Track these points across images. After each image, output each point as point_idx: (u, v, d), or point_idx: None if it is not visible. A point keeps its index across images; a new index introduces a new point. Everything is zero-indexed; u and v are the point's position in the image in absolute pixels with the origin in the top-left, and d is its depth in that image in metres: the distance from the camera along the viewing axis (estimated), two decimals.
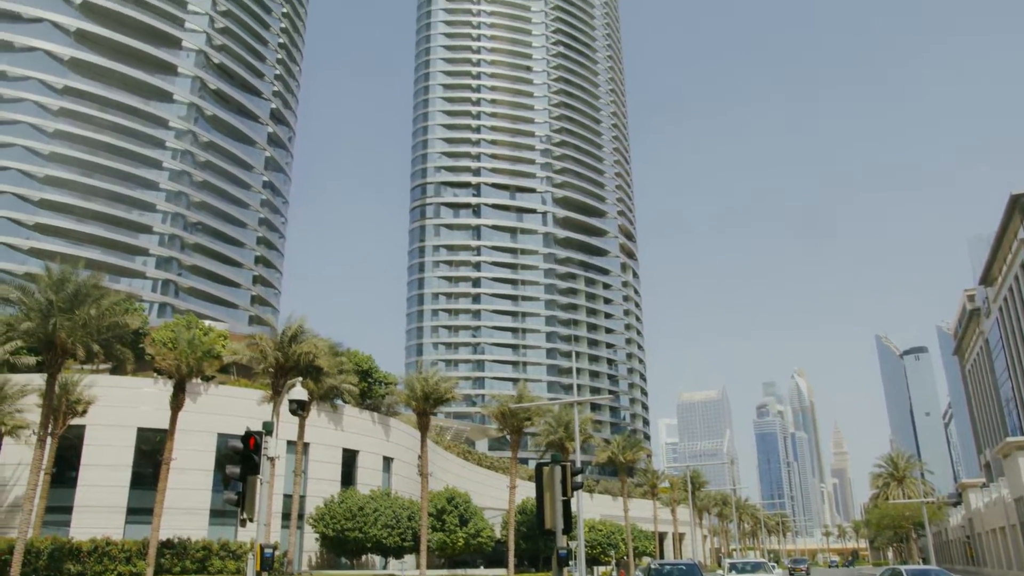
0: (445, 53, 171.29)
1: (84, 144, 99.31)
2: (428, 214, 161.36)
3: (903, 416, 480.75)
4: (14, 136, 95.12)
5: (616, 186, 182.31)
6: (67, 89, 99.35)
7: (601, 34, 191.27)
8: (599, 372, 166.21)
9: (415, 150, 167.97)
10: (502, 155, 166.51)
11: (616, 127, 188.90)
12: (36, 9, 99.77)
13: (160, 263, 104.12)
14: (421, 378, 47.29)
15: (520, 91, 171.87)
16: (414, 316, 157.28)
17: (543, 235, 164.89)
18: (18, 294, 31.87)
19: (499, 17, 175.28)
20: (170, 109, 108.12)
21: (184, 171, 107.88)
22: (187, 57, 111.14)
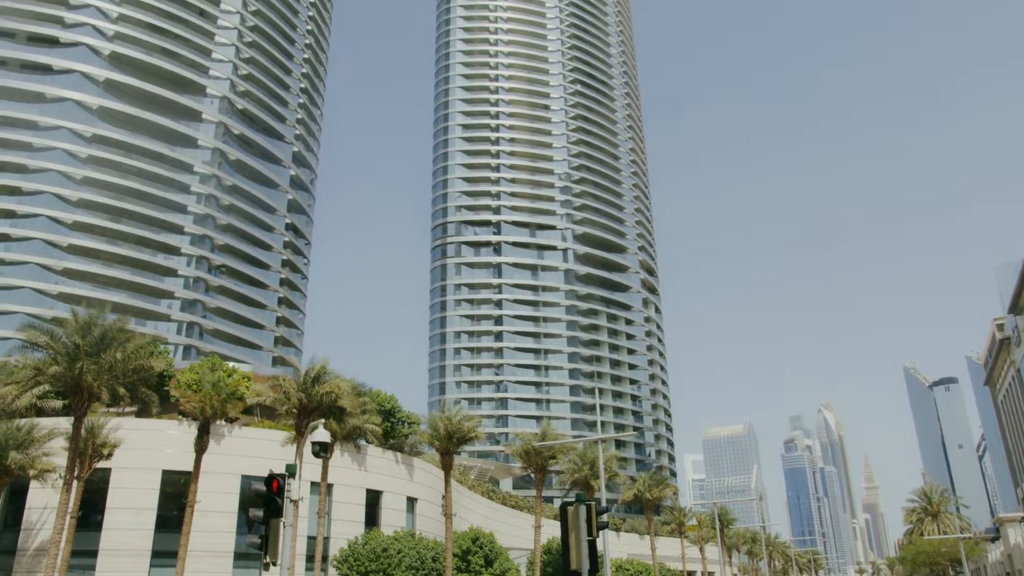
0: (464, 94, 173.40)
1: (111, 190, 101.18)
2: (449, 253, 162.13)
3: (935, 448, 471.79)
4: (44, 184, 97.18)
5: (636, 221, 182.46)
6: (95, 137, 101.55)
7: (618, 72, 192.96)
8: (623, 408, 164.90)
9: (435, 189, 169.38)
10: (522, 193, 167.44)
11: (635, 163, 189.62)
12: (67, 61, 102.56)
13: (185, 306, 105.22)
14: (444, 417, 47.19)
15: (539, 129, 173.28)
16: (436, 355, 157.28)
17: (564, 272, 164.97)
18: (46, 339, 32.32)
19: (517, 57, 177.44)
20: (195, 154, 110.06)
21: (208, 215, 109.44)
22: (211, 103, 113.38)
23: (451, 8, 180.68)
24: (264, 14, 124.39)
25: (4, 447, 34.64)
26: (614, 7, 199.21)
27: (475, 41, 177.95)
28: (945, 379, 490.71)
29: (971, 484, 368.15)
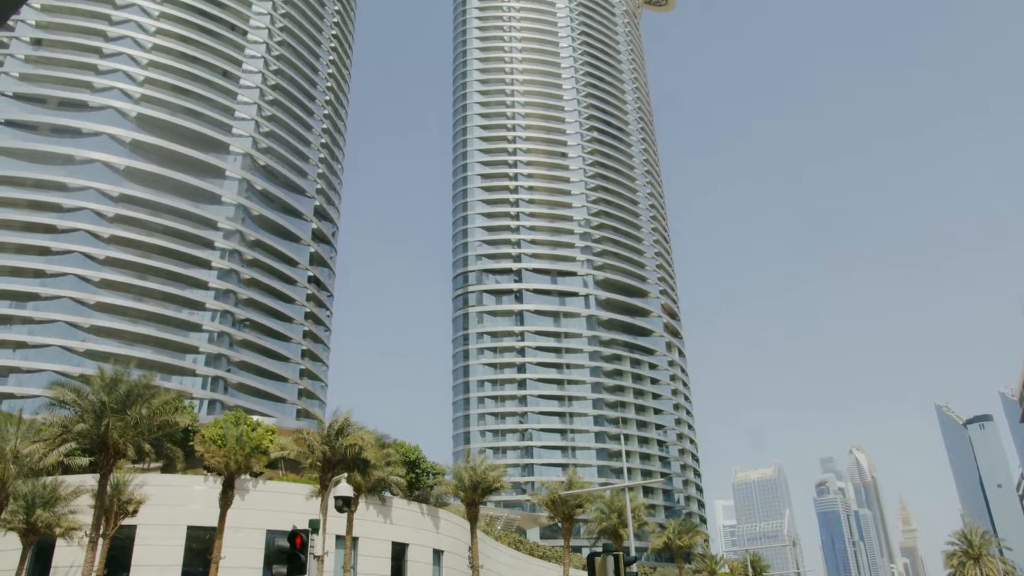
0: (482, 144, 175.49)
1: (138, 248, 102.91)
2: (471, 302, 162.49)
3: (972, 488, 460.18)
4: (73, 243, 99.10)
5: (657, 265, 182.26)
6: (122, 196, 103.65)
7: (634, 117, 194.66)
8: (650, 454, 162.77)
9: (456, 239, 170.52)
10: (542, 240, 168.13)
11: (654, 207, 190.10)
12: (96, 124, 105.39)
13: (209, 360, 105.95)
14: (469, 467, 46.85)
15: (557, 176, 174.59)
16: (460, 404, 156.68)
17: (586, 318, 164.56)
18: (73, 396, 32.62)
19: (533, 107, 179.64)
20: (218, 211, 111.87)
21: (232, 269, 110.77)
22: (234, 160, 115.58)
23: (467, 61, 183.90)
24: (285, 73, 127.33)
25: (31, 505, 34.76)
26: (628, 55, 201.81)
27: (492, 92, 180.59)
28: (979, 416, 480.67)
29: (1013, 524, 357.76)
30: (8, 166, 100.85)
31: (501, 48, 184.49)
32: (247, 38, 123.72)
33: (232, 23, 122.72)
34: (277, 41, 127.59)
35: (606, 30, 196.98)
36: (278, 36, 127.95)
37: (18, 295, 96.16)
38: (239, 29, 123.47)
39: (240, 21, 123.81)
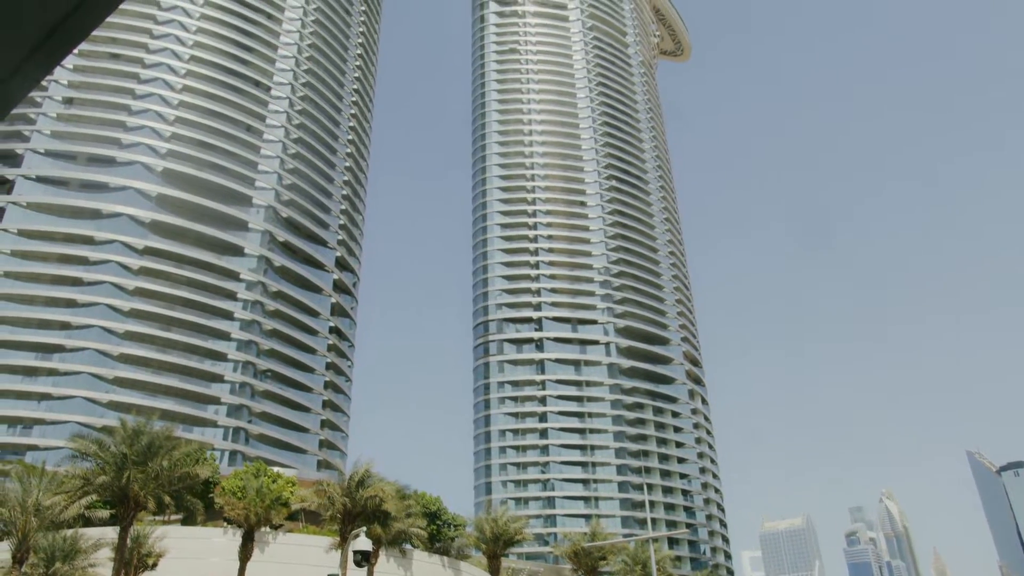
0: (501, 193, 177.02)
1: (161, 299, 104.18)
2: (492, 351, 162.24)
3: (1009, 537, 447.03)
4: (98, 295, 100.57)
5: (678, 313, 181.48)
6: (147, 249, 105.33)
7: (652, 165, 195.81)
8: (674, 504, 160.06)
9: (476, 288, 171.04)
10: (562, 288, 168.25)
11: (673, 254, 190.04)
12: (123, 179, 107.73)
13: (231, 411, 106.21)
14: (490, 519, 46.35)
15: (576, 224, 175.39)
16: (482, 454, 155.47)
17: (607, 366, 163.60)
18: (95, 448, 32.80)
19: (552, 157, 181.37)
20: (241, 262, 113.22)
21: (254, 320, 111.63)
22: (257, 213, 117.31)
23: (487, 112, 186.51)
24: (307, 127, 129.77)
25: (51, 558, 34.72)
26: (644, 104, 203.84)
27: (511, 143, 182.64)
28: (1013, 463, 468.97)
29: None
30: (39, 220, 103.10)
31: (520, 99, 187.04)
32: (271, 94, 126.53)
33: (256, 79, 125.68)
34: (300, 96, 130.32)
35: (623, 80, 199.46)
36: (301, 91, 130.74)
37: (45, 347, 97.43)
38: (263, 85, 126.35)
39: (264, 77, 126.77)
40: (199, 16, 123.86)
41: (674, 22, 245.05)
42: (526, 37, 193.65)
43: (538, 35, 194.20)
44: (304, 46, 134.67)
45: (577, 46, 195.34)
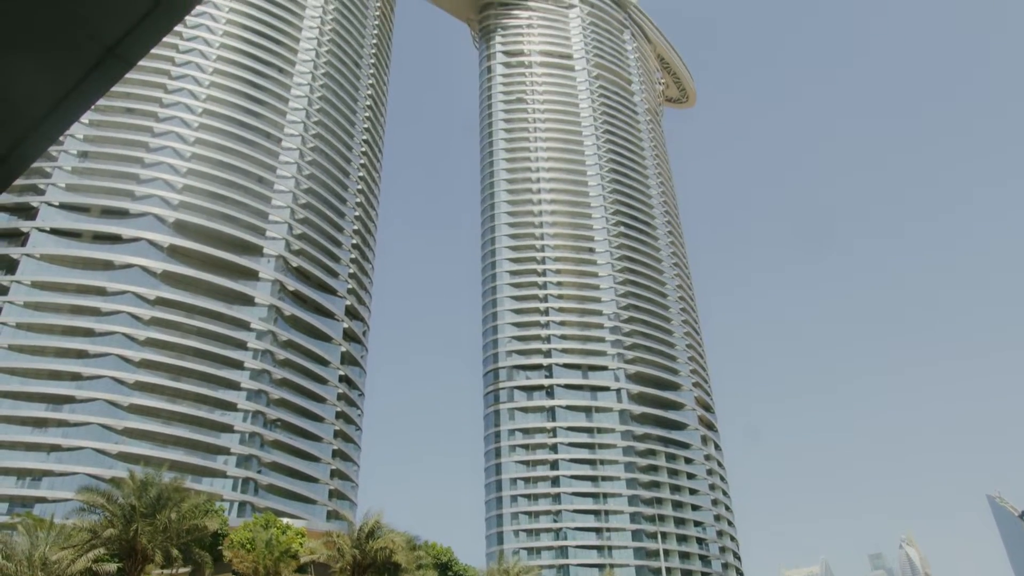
0: (510, 241, 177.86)
1: (172, 350, 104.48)
2: (502, 398, 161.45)
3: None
4: (109, 346, 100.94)
5: (688, 358, 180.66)
6: (158, 300, 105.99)
7: (659, 211, 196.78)
8: (689, 553, 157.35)
9: (485, 335, 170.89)
10: (572, 335, 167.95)
11: (683, 299, 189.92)
12: (135, 230, 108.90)
13: (240, 461, 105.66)
14: (502, 570, 45.70)
15: (585, 271, 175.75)
16: (493, 503, 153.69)
17: (619, 412, 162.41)
18: (103, 500, 32.61)
19: (560, 204, 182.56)
20: (251, 312, 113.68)
21: (264, 370, 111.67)
22: (267, 263, 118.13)
23: (495, 160, 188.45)
24: (317, 177, 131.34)
25: None
26: (651, 151, 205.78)
27: (519, 191, 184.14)
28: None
29: None
30: (52, 272, 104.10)
31: (527, 147, 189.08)
32: (282, 145, 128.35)
33: (267, 131, 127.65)
34: (310, 147, 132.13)
35: (629, 128, 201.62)
36: (311, 143, 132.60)
37: (56, 398, 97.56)
38: (274, 137, 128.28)
39: (275, 129, 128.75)
40: (212, 71, 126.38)
41: (678, 70, 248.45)
42: (533, 87, 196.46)
43: (544, 84, 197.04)
44: (315, 98, 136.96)
45: (583, 95, 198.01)
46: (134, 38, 4.73)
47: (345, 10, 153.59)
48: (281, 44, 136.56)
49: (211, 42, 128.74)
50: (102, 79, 5.03)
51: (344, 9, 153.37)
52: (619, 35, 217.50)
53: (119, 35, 4.67)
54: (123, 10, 4.54)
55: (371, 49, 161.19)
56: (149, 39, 4.77)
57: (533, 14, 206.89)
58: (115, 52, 4.76)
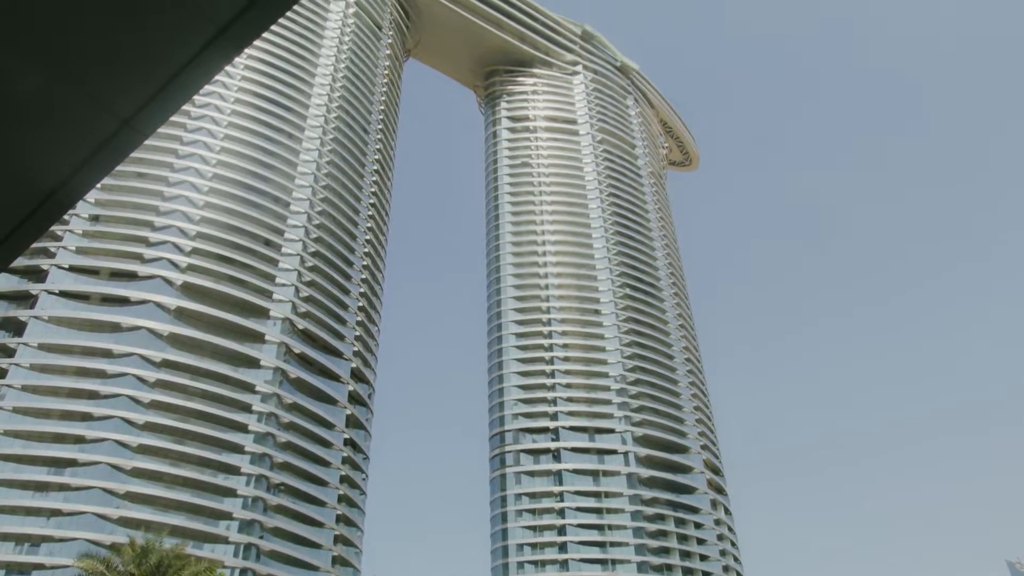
0: (516, 303, 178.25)
1: (177, 413, 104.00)
2: (508, 462, 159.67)
3: None
4: (114, 409, 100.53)
5: (696, 420, 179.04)
6: (164, 362, 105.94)
7: (665, 273, 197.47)
8: None
9: (492, 398, 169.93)
10: (578, 398, 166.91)
11: (689, 360, 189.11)
12: (143, 293, 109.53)
13: (243, 527, 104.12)
14: None
15: (591, 333, 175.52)
16: (499, 569, 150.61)
17: (627, 476, 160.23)
18: (102, 568, 32.09)
19: (566, 267, 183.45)
20: (257, 375, 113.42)
21: (268, 433, 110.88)
22: (273, 325, 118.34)
23: (500, 224, 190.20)
24: (324, 240, 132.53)
25: None
26: (656, 213, 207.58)
27: (524, 254, 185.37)
28: None
29: None
30: (60, 335, 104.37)
31: (532, 210, 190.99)
32: (290, 208, 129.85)
33: (276, 195, 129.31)
34: (318, 211, 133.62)
35: (633, 191, 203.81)
36: (319, 206, 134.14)
37: (58, 461, 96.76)
38: (282, 201, 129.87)
39: (283, 192, 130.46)
40: (222, 136, 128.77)
41: (681, 134, 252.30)
42: (538, 151, 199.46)
43: (549, 149, 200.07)
44: (323, 162, 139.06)
45: (588, 159, 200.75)
46: (150, 110, 4.89)
47: (354, 77, 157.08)
48: (291, 110, 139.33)
49: (222, 108, 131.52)
50: (117, 150, 5.17)
51: (353, 76, 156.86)
52: (622, 100, 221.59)
53: (135, 108, 4.83)
54: (140, 84, 4.70)
55: (379, 114, 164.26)
56: (165, 111, 4.93)
57: (538, 80, 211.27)
58: (131, 124, 4.91)
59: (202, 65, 4.75)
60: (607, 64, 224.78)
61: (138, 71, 4.55)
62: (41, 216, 5.88)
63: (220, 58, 4.82)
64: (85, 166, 5.31)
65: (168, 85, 4.65)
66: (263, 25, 4.78)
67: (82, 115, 4.81)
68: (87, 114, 4.80)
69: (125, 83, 4.66)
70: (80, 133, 4.89)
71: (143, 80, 4.65)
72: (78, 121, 4.85)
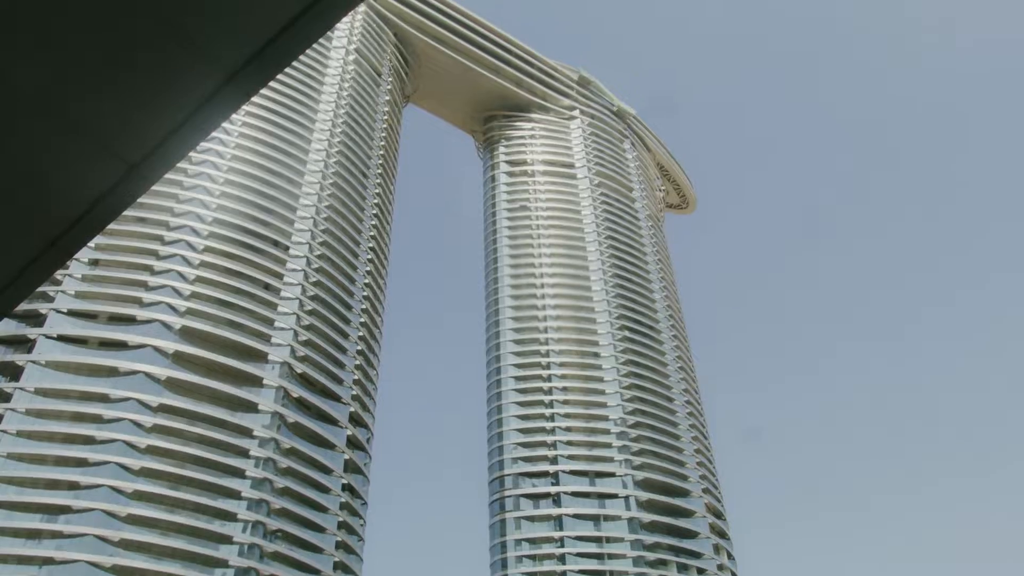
0: (514, 347, 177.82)
1: (173, 458, 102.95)
2: (507, 507, 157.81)
3: None
4: (109, 454, 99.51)
5: (697, 463, 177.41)
6: (161, 406, 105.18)
7: (664, 315, 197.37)
8: None
9: (491, 442, 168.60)
10: (578, 441, 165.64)
11: (689, 403, 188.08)
12: (142, 337, 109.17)
13: (239, 574, 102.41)
14: None
15: (591, 376, 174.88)
16: None
17: (628, 520, 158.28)
18: None
19: (564, 309, 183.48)
20: (254, 419, 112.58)
21: (265, 478, 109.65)
22: (272, 369, 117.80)
23: (499, 267, 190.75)
24: (324, 284, 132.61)
25: None
26: (654, 255, 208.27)
27: (523, 296, 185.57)
28: None
29: None
30: (57, 379, 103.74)
31: (531, 253, 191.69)
32: (289, 253, 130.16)
33: (275, 239, 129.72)
34: (317, 255, 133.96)
35: (631, 233, 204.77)
36: (318, 250, 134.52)
37: (51, 508, 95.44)
38: (282, 244, 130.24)
39: (283, 237, 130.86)
40: (223, 181, 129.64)
41: (678, 177, 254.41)
42: (536, 194, 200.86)
43: (547, 192, 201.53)
44: (322, 207, 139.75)
45: (586, 202, 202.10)
46: (157, 156, 4.87)
47: (354, 122, 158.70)
48: (291, 155, 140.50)
49: (223, 153, 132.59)
50: (123, 197, 5.14)
51: (353, 121, 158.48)
52: (619, 144, 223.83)
53: (143, 154, 4.81)
54: (149, 130, 4.69)
55: (378, 159, 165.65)
56: (173, 157, 4.90)
57: (536, 125, 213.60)
58: (138, 170, 4.89)
59: (211, 111, 4.74)
60: (604, 109, 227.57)
61: (148, 117, 4.55)
62: (43, 264, 5.83)
63: (228, 104, 4.81)
64: (90, 212, 5.28)
65: (177, 131, 4.64)
66: (271, 72, 4.78)
67: (89, 161, 4.79)
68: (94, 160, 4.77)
69: (135, 129, 4.65)
70: (86, 180, 4.86)
71: (152, 126, 4.64)
72: (85, 167, 4.83)
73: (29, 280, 5.93)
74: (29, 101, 4.53)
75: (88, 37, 4.32)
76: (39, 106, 4.53)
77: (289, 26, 4.25)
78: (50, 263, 5.60)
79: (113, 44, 4.34)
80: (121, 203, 5.10)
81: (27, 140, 4.76)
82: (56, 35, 4.22)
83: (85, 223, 5.26)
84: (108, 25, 4.25)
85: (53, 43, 4.22)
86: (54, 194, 5.06)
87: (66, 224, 5.28)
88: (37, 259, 5.66)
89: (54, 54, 4.18)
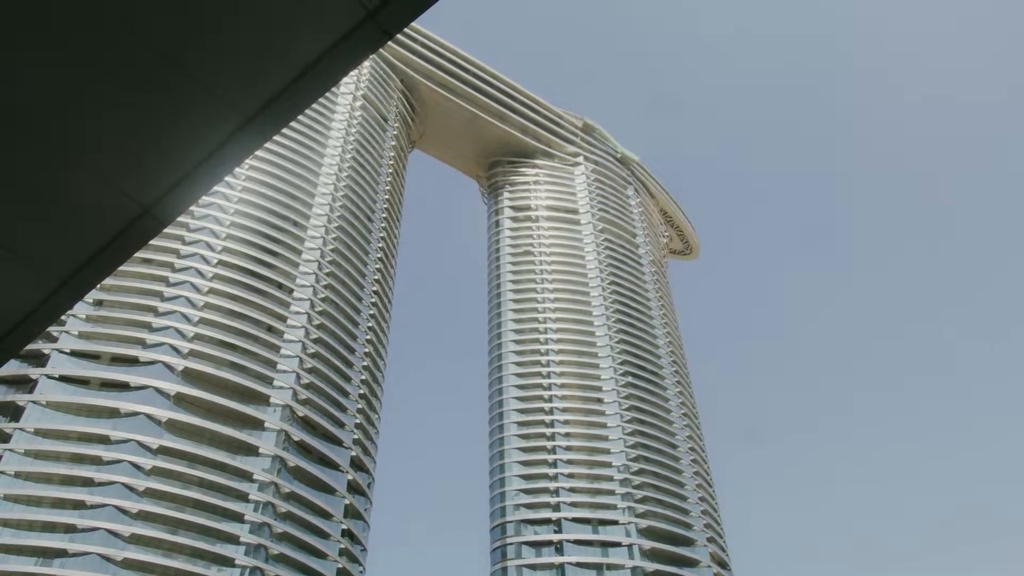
0: (517, 392, 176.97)
1: (171, 501, 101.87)
2: (509, 554, 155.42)
3: None
4: (108, 497, 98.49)
5: (702, 511, 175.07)
6: (161, 448, 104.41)
7: (667, 361, 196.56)
8: None
9: (492, 488, 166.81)
10: (581, 488, 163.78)
11: (693, 450, 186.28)
12: (144, 378, 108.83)
13: None
14: None
15: (594, 422, 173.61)
16: None
17: (631, 569, 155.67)
18: None
19: (567, 355, 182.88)
20: (255, 462, 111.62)
21: (265, 523, 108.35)
22: (273, 412, 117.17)
23: (502, 312, 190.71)
24: (327, 327, 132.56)
25: None
26: (657, 301, 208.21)
27: (526, 342, 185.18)
28: None
29: None
30: (57, 420, 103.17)
31: (535, 298, 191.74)
32: (293, 295, 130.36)
33: (279, 281, 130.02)
34: (321, 297, 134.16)
35: (635, 279, 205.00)
36: (322, 293, 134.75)
37: (47, 551, 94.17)
38: (285, 287, 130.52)
39: (287, 279, 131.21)
40: (228, 223, 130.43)
41: (681, 224, 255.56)
42: (540, 240, 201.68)
43: (551, 238, 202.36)
44: (327, 250, 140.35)
45: (589, 248, 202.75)
46: (171, 199, 4.89)
47: (359, 167, 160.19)
48: (297, 199, 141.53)
49: (230, 196, 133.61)
50: (135, 239, 5.15)
51: (359, 166, 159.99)
52: (623, 190, 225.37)
53: (157, 197, 4.82)
54: (165, 173, 4.71)
55: (383, 204, 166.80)
56: (187, 200, 4.92)
57: (540, 171, 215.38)
58: (151, 212, 4.90)
59: (225, 155, 4.77)
60: (608, 155, 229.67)
61: (164, 160, 4.58)
62: (51, 305, 5.81)
63: (243, 148, 4.85)
64: (101, 255, 5.27)
65: (191, 174, 4.67)
66: (287, 117, 4.82)
67: (104, 204, 4.80)
68: (109, 203, 4.79)
69: (150, 172, 4.68)
70: (100, 222, 4.88)
71: (168, 169, 4.67)
72: (99, 210, 4.84)
73: (38, 320, 5.92)
74: (46, 139, 4.56)
75: (102, 84, 4.37)
76: (55, 144, 4.56)
77: (307, 71, 4.29)
78: (60, 303, 5.59)
79: (127, 86, 4.39)
80: (133, 245, 5.11)
81: (43, 178, 4.79)
82: (71, 81, 4.27)
83: (96, 264, 5.26)
84: (122, 63, 4.30)
85: (67, 87, 4.26)
86: (67, 235, 5.07)
87: (76, 265, 5.28)
88: (47, 299, 5.65)
89: (80, 97, 4.22)
